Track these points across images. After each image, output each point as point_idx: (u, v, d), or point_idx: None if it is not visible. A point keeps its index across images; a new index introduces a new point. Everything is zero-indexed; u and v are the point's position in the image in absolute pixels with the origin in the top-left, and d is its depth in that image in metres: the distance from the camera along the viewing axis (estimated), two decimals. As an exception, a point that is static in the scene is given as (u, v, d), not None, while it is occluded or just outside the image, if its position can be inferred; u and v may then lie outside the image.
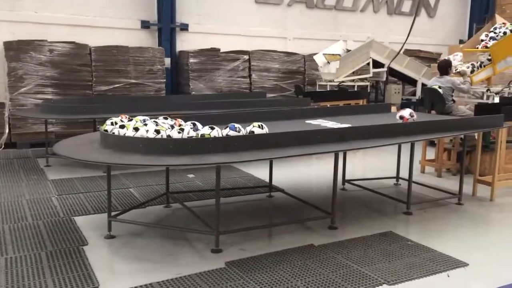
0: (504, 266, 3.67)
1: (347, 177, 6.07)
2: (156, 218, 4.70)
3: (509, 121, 5.33)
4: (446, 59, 7.15)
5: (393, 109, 9.28)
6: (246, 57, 10.01)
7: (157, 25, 9.62)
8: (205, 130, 3.51)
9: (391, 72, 10.31)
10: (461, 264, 3.64)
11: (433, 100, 6.67)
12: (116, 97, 8.38)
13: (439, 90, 6.58)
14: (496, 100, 6.51)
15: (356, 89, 9.53)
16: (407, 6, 13.24)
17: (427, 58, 12.19)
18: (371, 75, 9.93)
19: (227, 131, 3.60)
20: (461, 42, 12.52)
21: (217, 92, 9.48)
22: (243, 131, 3.66)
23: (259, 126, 3.72)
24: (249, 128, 3.72)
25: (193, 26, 10.13)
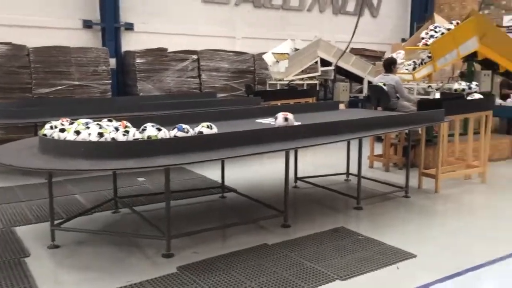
0: (450, 256, 3.80)
1: (299, 175, 6.11)
2: (103, 225, 4.51)
3: (450, 115, 5.55)
4: (391, 57, 7.36)
5: (341, 106, 9.49)
6: (195, 57, 9.88)
7: (100, 24, 9.30)
8: (152, 132, 3.40)
9: (339, 70, 10.50)
10: (409, 255, 3.74)
11: (378, 97, 6.85)
12: (59, 99, 8.00)
13: (384, 87, 6.76)
14: (437, 95, 6.77)
15: (305, 87, 9.62)
16: (351, 6, 13.57)
17: (372, 56, 12.55)
18: (319, 73, 10.08)
19: (175, 132, 3.50)
20: (403, 40, 12.96)
21: (166, 93, 9.29)
22: (191, 132, 3.57)
23: (207, 126, 3.65)
24: (197, 129, 3.64)
25: (138, 26, 9.88)
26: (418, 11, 14.75)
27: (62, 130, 3.48)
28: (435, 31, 7.27)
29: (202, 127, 3.65)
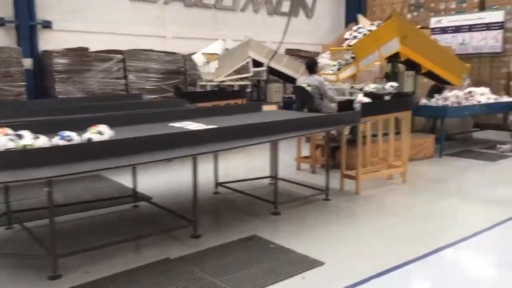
0: (359, 261, 3.70)
1: (221, 180, 5.88)
2: (-8, 243, 4.07)
3: (367, 117, 5.52)
4: (312, 58, 7.30)
5: (273, 107, 9.38)
6: (120, 56, 9.44)
7: (14, 22, 8.64)
8: (28, 141, 3.03)
9: (272, 71, 10.40)
10: (317, 263, 3.59)
11: (302, 98, 6.75)
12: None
13: (308, 88, 6.68)
14: (360, 96, 6.75)
15: (236, 88, 9.42)
16: (286, 6, 13.56)
17: (307, 57, 12.54)
18: (251, 74, 9.92)
19: (57, 140, 3.15)
20: (337, 41, 13.08)
21: (89, 95, 8.78)
22: (76, 140, 3.23)
23: (98, 133, 3.33)
24: (86, 136, 3.31)
25: (58, 24, 9.29)
26: (352, 12, 14.97)
27: None
28: (358, 32, 7.30)
29: (91, 133, 3.32)
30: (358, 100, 5.81)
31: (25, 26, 8.65)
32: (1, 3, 8.66)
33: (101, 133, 3.33)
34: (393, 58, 7.68)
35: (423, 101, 8.72)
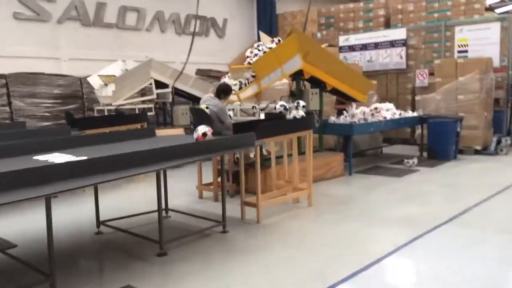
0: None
1: (107, 216, 5.17)
2: None
3: (264, 138, 5.12)
4: (226, 85, 6.77)
5: (178, 131, 8.76)
6: (3, 81, 8.41)
7: None
8: None
9: (178, 92, 9.84)
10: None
11: (200, 121, 6.24)
12: None
13: (206, 110, 6.19)
14: (262, 116, 6.40)
15: (137, 112, 8.73)
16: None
17: (218, 77, 12.14)
18: (155, 96, 9.28)
19: None
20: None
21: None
22: None
23: None
24: None
25: None
26: (264, 31, 14.85)
27: None
28: (258, 50, 6.98)
29: None
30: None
31: None
32: None
33: None
34: (298, 76, 7.45)
35: (332, 119, 8.59)
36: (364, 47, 12.41)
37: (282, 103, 6.04)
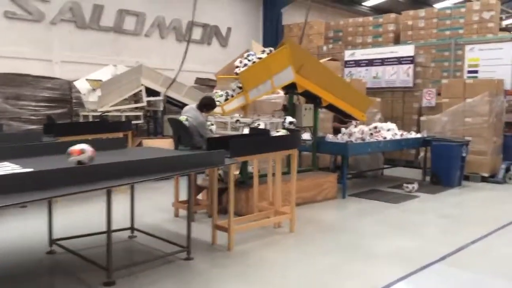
0: None
1: (67, 233, 4.73)
2: None
3: (240, 156, 4.64)
4: (213, 99, 6.34)
5: (168, 142, 8.31)
6: (-15, 81, 8.10)
7: None
8: None
9: (171, 101, 9.45)
10: None
11: (179, 133, 5.80)
12: None
13: (186, 122, 5.74)
14: (246, 131, 5.92)
15: (124, 119, 8.33)
16: (197, 33, 12.79)
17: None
18: (144, 103, 8.88)
19: None
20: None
21: None
22: None
23: None
24: None
25: None
26: (269, 40, 14.48)
27: None
28: (248, 60, 6.53)
29: None
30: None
31: None
32: None
33: None
34: (291, 90, 6.99)
35: (329, 136, 8.09)
36: (370, 62, 11.90)
37: (264, 120, 5.57)
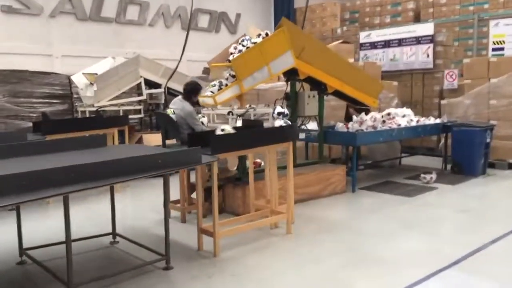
0: None
1: (43, 241, 4.40)
2: None
3: (223, 153, 4.17)
4: (196, 82, 5.96)
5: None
6: (-20, 78, 7.88)
7: None
8: None
9: (174, 93, 9.03)
10: None
11: (166, 128, 5.38)
12: None
13: (173, 115, 5.32)
14: (239, 123, 5.45)
15: (122, 114, 7.98)
16: (204, 21, 12.32)
17: (225, 76, 11.30)
18: (144, 97, 8.51)
19: None
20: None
21: None
22: None
23: None
24: None
25: None
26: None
27: None
28: (243, 45, 6.02)
29: None
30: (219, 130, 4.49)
31: None
32: None
33: None
34: (292, 76, 6.45)
35: (339, 125, 7.51)
36: (387, 44, 11.17)
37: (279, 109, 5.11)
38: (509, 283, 3.67)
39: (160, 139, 6.61)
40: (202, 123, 5.60)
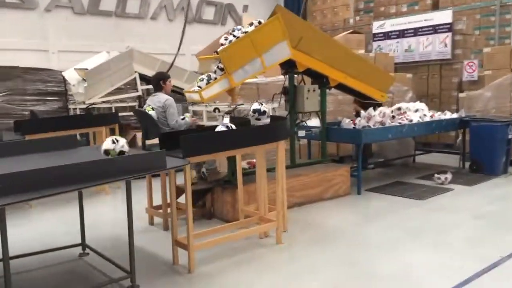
0: None
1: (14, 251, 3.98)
2: None
3: (195, 156, 3.67)
4: (160, 72, 5.54)
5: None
6: (-31, 76, 7.57)
7: None
8: None
9: (172, 89, 8.55)
10: None
11: (145, 126, 4.91)
12: None
13: (152, 112, 4.84)
14: (226, 120, 4.91)
15: (114, 111, 7.56)
16: (210, 13, 11.82)
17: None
18: (139, 93, 8.07)
19: None
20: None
21: None
22: None
23: None
24: None
25: None
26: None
27: None
28: (234, 36, 5.50)
29: None
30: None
31: None
32: None
33: None
34: (290, 69, 5.91)
35: (346, 121, 6.93)
36: (402, 33, 10.47)
37: (255, 105, 4.59)
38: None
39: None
40: (184, 120, 5.13)
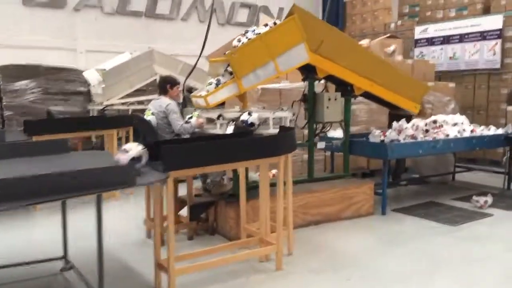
0: None
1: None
2: None
3: (178, 170, 3.25)
4: (166, 76, 5.22)
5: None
6: (-8, 74, 7.56)
7: None
8: None
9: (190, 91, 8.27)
10: None
11: (144, 132, 4.57)
12: None
13: (151, 117, 4.50)
14: (230, 130, 4.49)
15: (130, 113, 7.33)
16: (243, 15, 11.48)
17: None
18: (159, 95, 7.80)
19: None
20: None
21: None
22: None
23: None
24: None
25: None
26: (330, 22, 12.65)
27: None
28: (247, 37, 5.07)
29: None
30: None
31: None
32: None
33: None
34: (309, 74, 5.42)
35: (375, 133, 6.31)
36: (446, 39, 9.69)
37: (245, 115, 4.14)
38: None
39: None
40: (189, 123, 4.73)
